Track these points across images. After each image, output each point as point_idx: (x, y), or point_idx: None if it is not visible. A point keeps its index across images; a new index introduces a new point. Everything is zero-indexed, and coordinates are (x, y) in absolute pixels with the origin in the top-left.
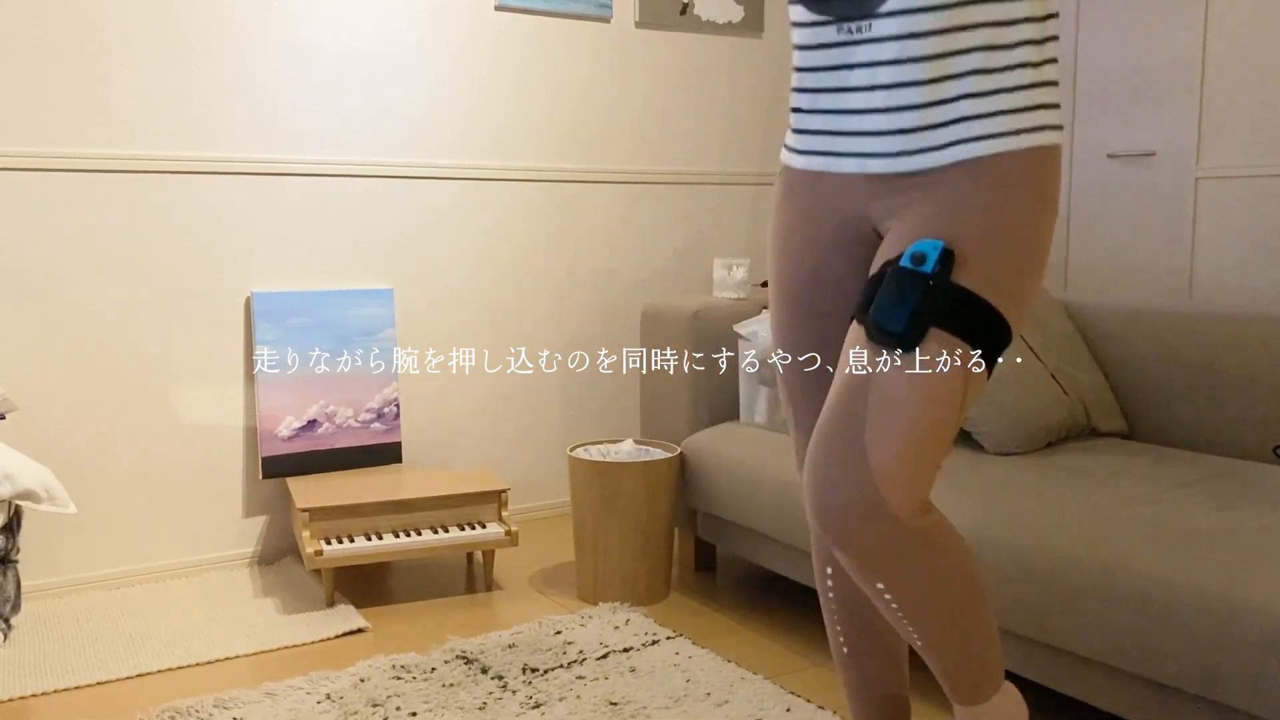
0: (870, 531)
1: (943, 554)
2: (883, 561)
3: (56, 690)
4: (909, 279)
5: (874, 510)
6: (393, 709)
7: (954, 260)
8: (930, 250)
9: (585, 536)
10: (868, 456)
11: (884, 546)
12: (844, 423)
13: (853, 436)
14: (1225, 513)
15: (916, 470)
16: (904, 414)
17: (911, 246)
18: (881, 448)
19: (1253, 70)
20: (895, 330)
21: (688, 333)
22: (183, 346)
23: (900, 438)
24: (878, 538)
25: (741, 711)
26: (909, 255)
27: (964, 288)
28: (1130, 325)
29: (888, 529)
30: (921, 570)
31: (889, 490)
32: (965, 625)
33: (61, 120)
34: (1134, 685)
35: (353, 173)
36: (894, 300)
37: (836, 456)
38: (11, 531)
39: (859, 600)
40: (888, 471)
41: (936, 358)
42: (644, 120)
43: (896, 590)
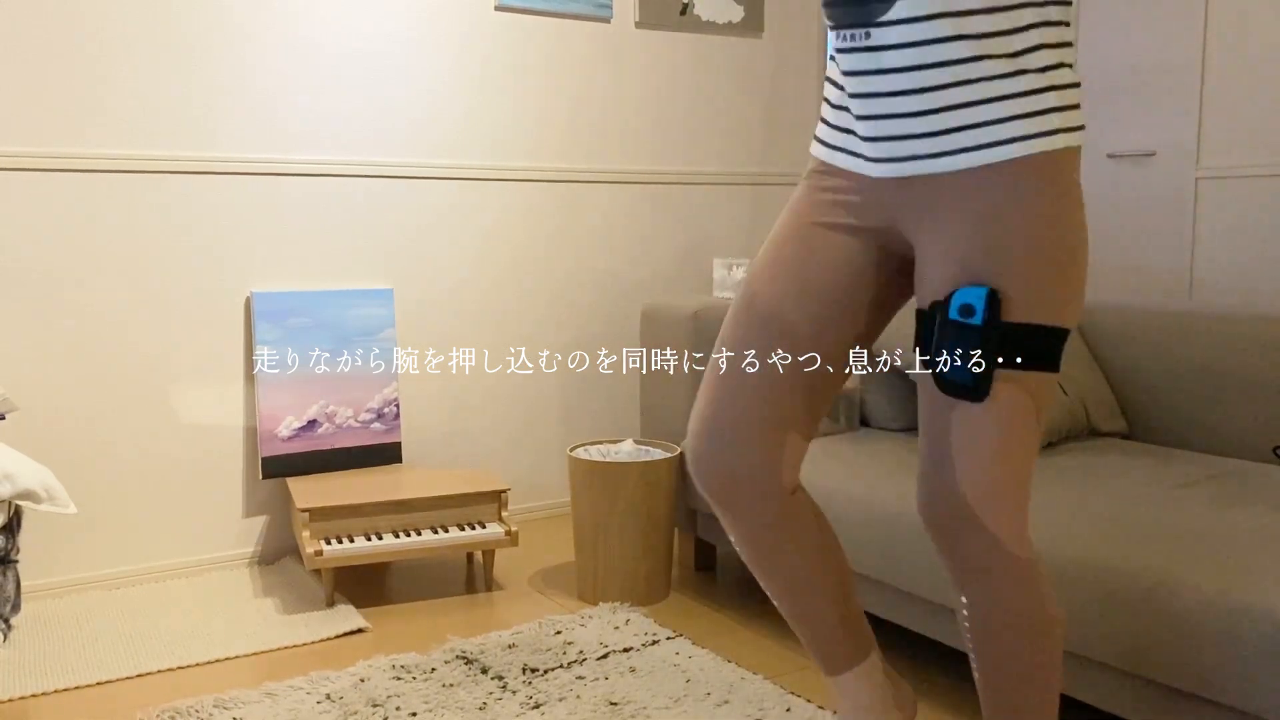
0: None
1: (1034, 594)
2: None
3: (56, 690)
4: (962, 332)
5: (977, 532)
6: (393, 709)
7: (1000, 302)
8: (975, 300)
9: (585, 536)
10: (962, 490)
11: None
12: (939, 464)
13: (948, 475)
14: (1225, 513)
15: (1009, 492)
16: (990, 453)
17: (956, 296)
18: (977, 483)
19: (1253, 70)
20: (964, 383)
21: (688, 333)
22: (183, 346)
23: (991, 474)
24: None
25: (741, 711)
26: (956, 308)
27: (1016, 324)
28: (1130, 325)
29: (989, 549)
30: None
31: (988, 515)
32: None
33: (61, 120)
34: (1134, 685)
35: (353, 173)
36: (954, 354)
37: (938, 491)
38: (11, 531)
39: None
40: (984, 501)
41: (1009, 397)
42: (644, 120)
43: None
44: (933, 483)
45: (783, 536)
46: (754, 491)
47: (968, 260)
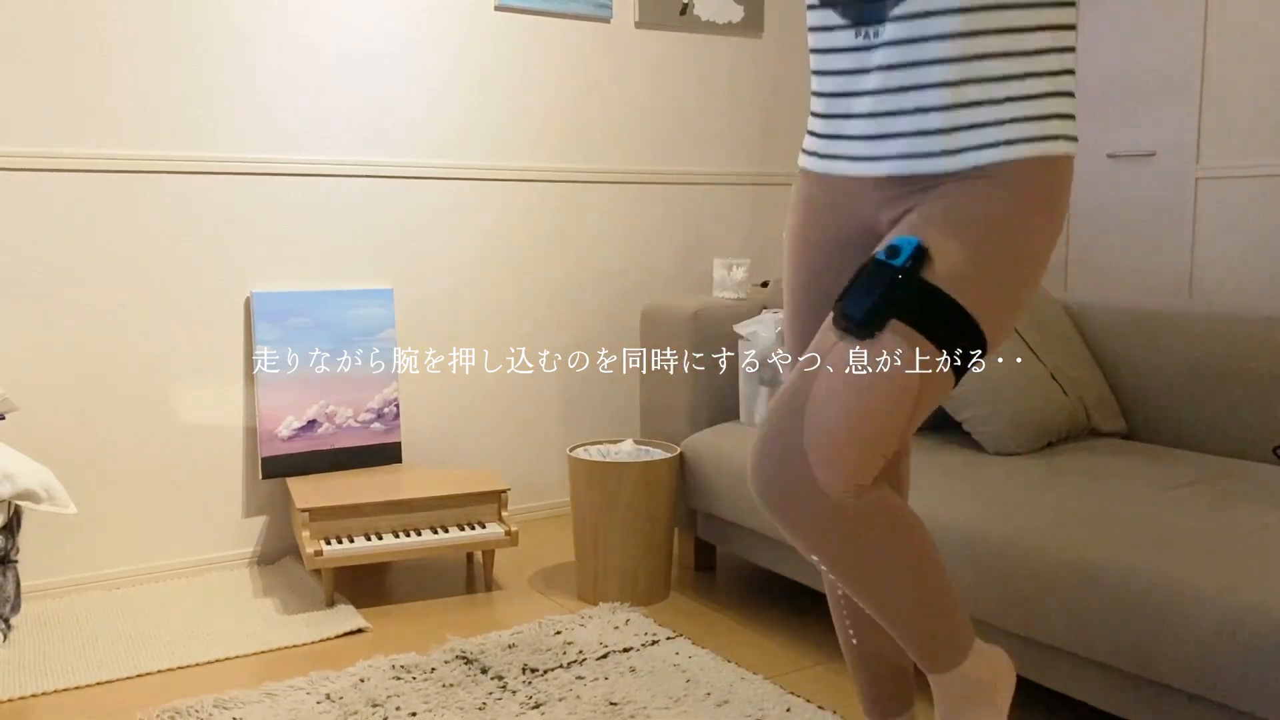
0: (802, 508)
1: (880, 531)
2: (816, 537)
3: (56, 690)
4: (880, 270)
5: (805, 487)
6: (393, 709)
7: (927, 256)
8: (905, 245)
9: (585, 536)
10: (804, 426)
11: (815, 523)
12: (790, 400)
13: (795, 413)
14: (1225, 513)
15: (851, 453)
16: (844, 397)
17: (890, 240)
18: (816, 427)
19: (1253, 70)
20: (854, 316)
21: (688, 333)
22: (183, 346)
23: (835, 419)
24: (809, 514)
25: (741, 711)
26: (885, 248)
27: (933, 285)
28: (1130, 325)
29: (818, 506)
30: (856, 546)
31: (819, 468)
32: (914, 597)
33: (61, 120)
34: (1134, 685)
35: (353, 173)
36: (862, 290)
37: (777, 431)
38: (11, 531)
39: None
40: (819, 449)
41: (889, 348)
42: (644, 120)
43: (833, 565)
44: (769, 442)
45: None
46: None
47: (918, 224)
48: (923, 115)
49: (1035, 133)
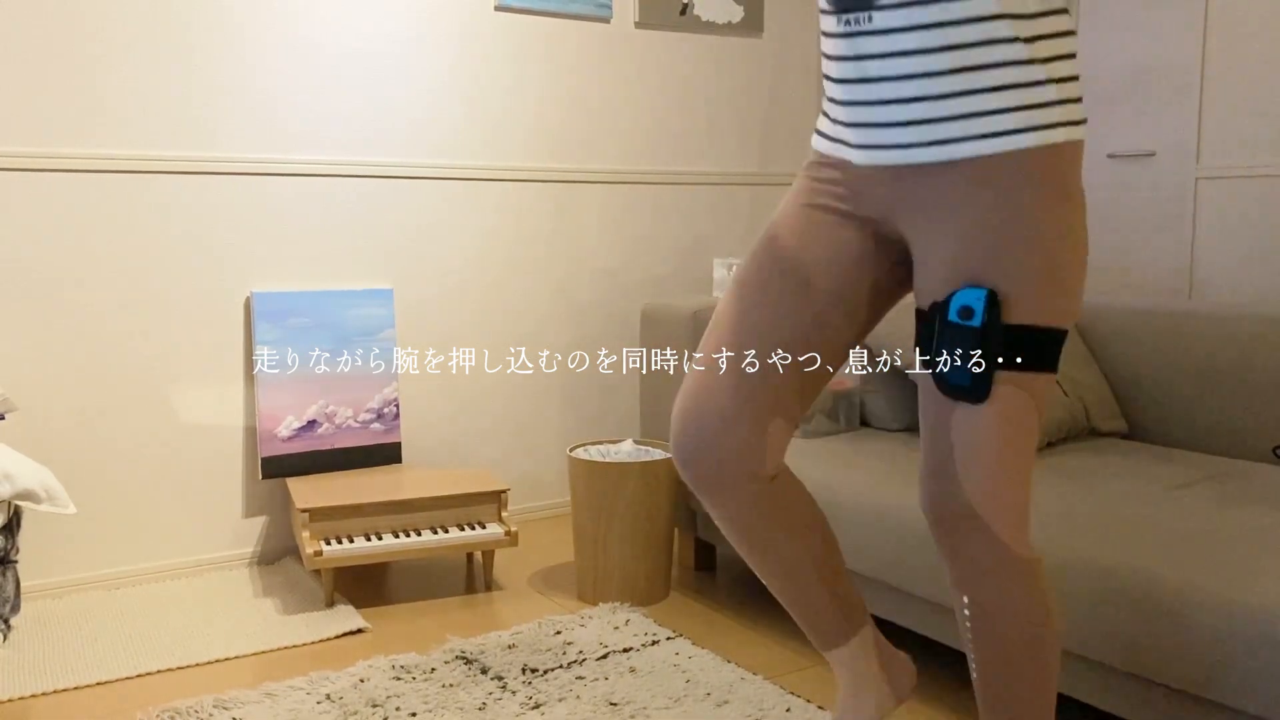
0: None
1: (1036, 593)
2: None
3: (56, 690)
4: (961, 334)
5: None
6: (393, 709)
7: (999, 304)
8: (974, 301)
9: (585, 536)
10: (965, 491)
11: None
12: (940, 467)
13: (950, 478)
14: (1225, 513)
15: (1010, 491)
16: (991, 455)
17: (955, 298)
18: (979, 484)
19: (1253, 70)
20: (965, 384)
21: (688, 333)
22: (183, 346)
23: (992, 475)
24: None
25: (741, 711)
26: (956, 310)
27: (1015, 325)
28: (1130, 325)
29: (993, 548)
30: (1012, 600)
31: (990, 516)
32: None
33: (61, 120)
34: (1134, 685)
35: (353, 173)
36: (954, 356)
37: (941, 493)
38: (11, 531)
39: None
40: (986, 501)
41: (1009, 399)
42: (644, 120)
43: (978, 609)
44: (935, 484)
45: (770, 519)
46: (738, 476)
47: (966, 261)
48: (910, 105)
49: (1035, 121)
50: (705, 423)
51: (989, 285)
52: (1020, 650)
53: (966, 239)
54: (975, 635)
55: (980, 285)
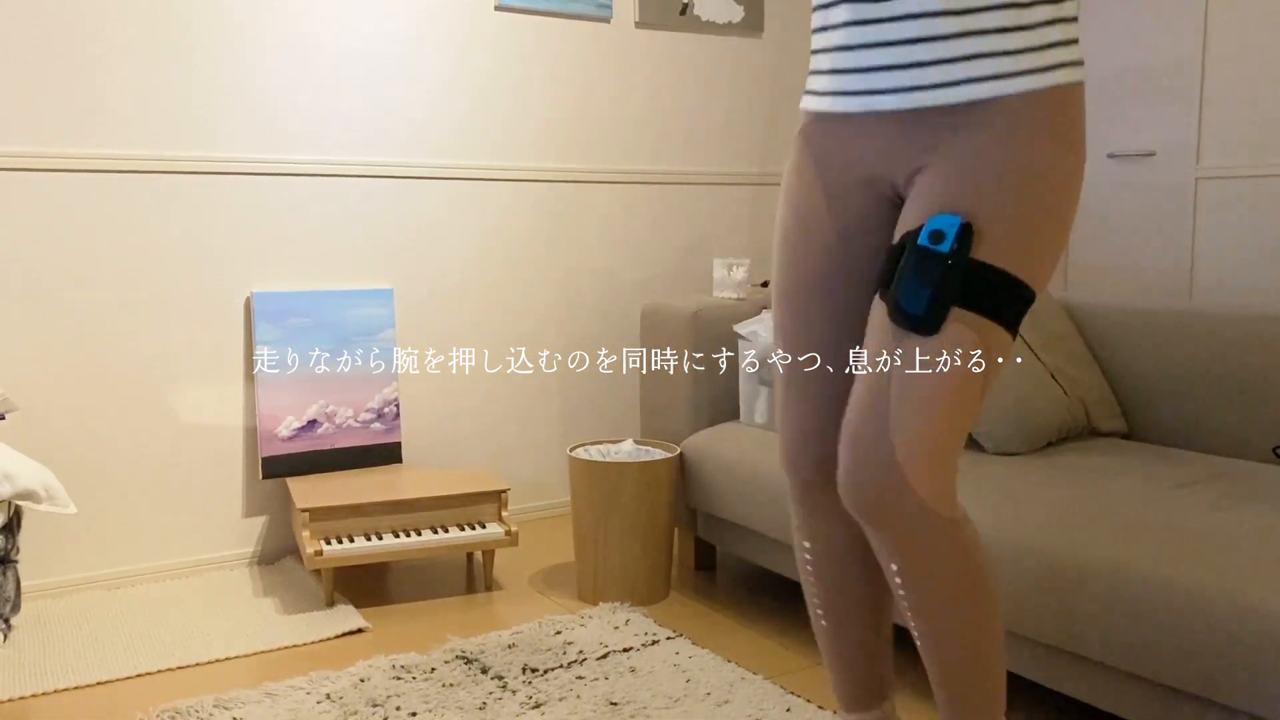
0: (898, 516)
1: (963, 554)
2: (907, 544)
3: (56, 690)
4: (927, 258)
5: (902, 497)
6: (393, 709)
7: (972, 235)
8: (948, 227)
9: (585, 536)
10: (891, 437)
11: (912, 530)
12: (871, 404)
13: (879, 417)
14: (1225, 513)
15: (943, 458)
16: (929, 401)
17: (929, 222)
18: (906, 436)
19: (1253, 70)
20: (916, 312)
21: (688, 333)
22: (183, 346)
23: (923, 426)
24: (906, 522)
25: (741, 711)
26: (927, 233)
27: (984, 263)
28: (1130, 325)
29: (916, 514)
30: (940, 562)
31: (916, 478)
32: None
33: (61, 120)
34: (1134, 685)
35: (353, 173)
36: (914, 281)
37: (864, 443)
38: (11, 531)
39: (837, 569)
40: (912, 460)
41: (959, 340)
42: (644, 120)
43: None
44: (858, 427)
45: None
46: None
47: (948, 192)
48: (916, 46)
49: (1037, 63)
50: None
51: (966, 216)
52: (959, 613)
53: (955, 174)
54: (910, 607)
55: (957, 214)
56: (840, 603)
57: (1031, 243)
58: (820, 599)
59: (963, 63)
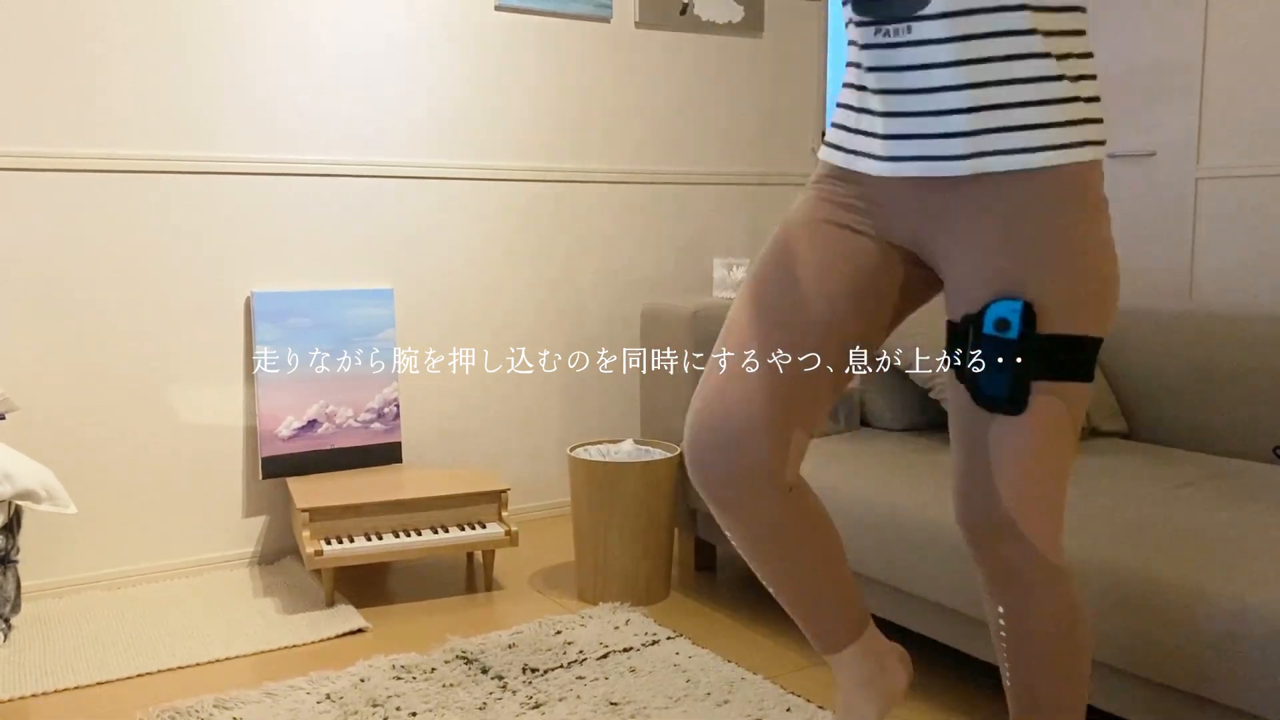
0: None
1: (1069, 603)
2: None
3: (56, 690)
4: (998, 346)
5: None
6: (393, 709)
7: (1035, 315)
8: (1010, 314)
9: (585, 536)
10: (1000, 493)
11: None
12: (975, 472)
13: (985, 479)
14: (1225, 513)
15: (1045, 497)
16: (1027, 460)
17: (990, 311)
18: (1012, 485)
19: (1253, 70)
20: (1001, 396)
21: (688, 333)
22: (183, 346)
23: (1026, 475)
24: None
25: (741, 711)
26: (992, 323)
27: (1051, 335)
28: (1130, 325)
29: (1028, 556)
30: (1045, 606)
31: (1024, 519)
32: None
33: (61, 120)
34: (1134, 685)
35: (353, 173)
36: (992, 369)
37: (975, 498)
38: (11, 531)
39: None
40: (1021, 503)
41: (1046, 408)
42: (644, 120)
43: (1013, 619)
44: (971, 494)
45: (786, 529)
46: (757, 491)
47: (998, 271)
48: (945, 117)
49: (1067, 139)
50: (729, 427)
51: (1024, 296)
52: (1055, 657)
53: (999, 250)
54: (1010, 643)
55: (1015, 296)
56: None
57: (1089, 300)
58: (770, 579)
59: (996, 134)
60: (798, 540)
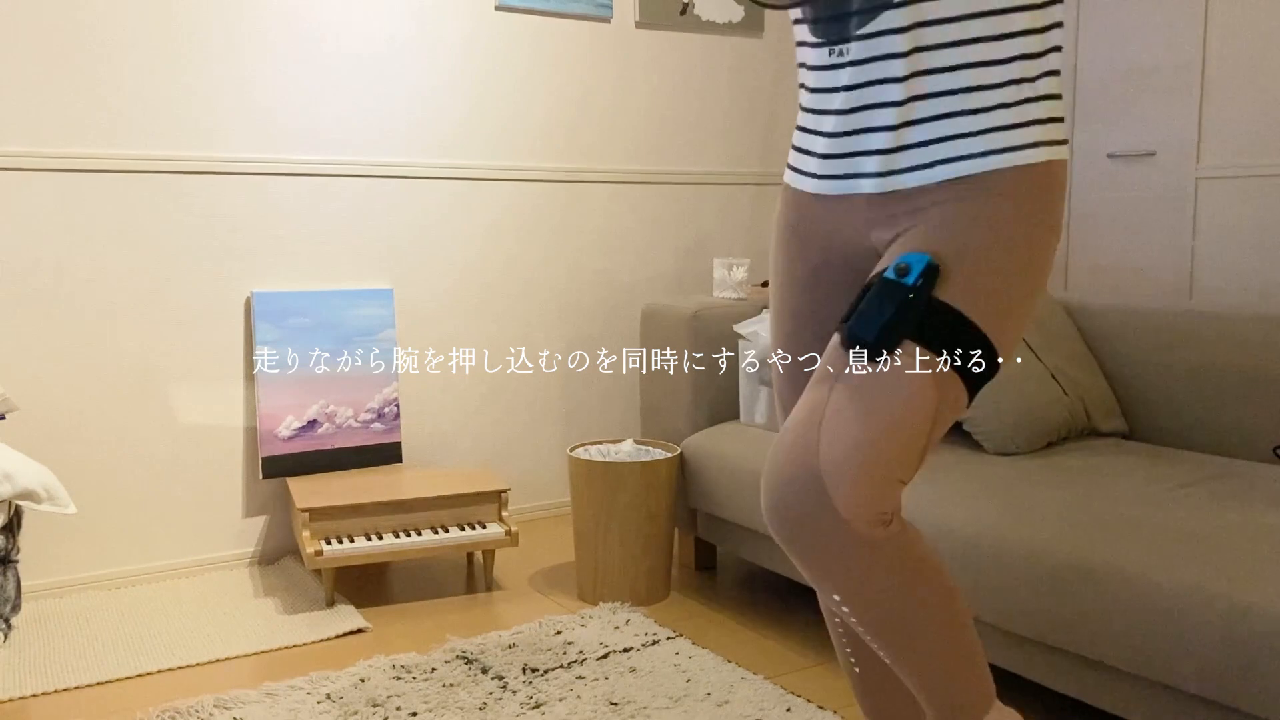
0: (820, 538)
1: (902, 569)
2: (835, 570)
3: (56, 690)
4: (890, 290)
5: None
6: (393, 709)
7: (938, 274)
8: (915, 262)
9: (585, 536)
10: (820, 458)
11: (834, 554)
12: (803, 424)
13: (809, 438)
14: (1225, 513)
15: (868, 474)
16: (863, 419)
17: (898, 259)
18: (834, 450)
19: (1253, 70)
20: (866, 338)
21: (688, 333)
22: (183, 346)
23: (854, 442)
24: (828, 545)
25: (741, 711)
26: (893, 266)
27: (945, 303)
28: (1130, 325)
29: (837, 535)
30: (876, 583)
31: (836, 491)
32: (932, 645)
33: (61, 120)
34: (1134, 685)
35: (353, 173)
36: (873, 310)
37: (790, 457)
38: (11, 531)
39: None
40: (836, 472)
41: (905, 368)
42: (644, 120)
43: (852, 601)
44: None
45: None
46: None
47: (920, 240)
48: (886, 133)
49: (1014, 141)
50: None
51: (935, 257)
52: (915, 618)
53: (930, 228)
54: (863, 625)
55: (927, 253)
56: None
57: (998, 303)
58: (847, 639)
59: (936, 145)
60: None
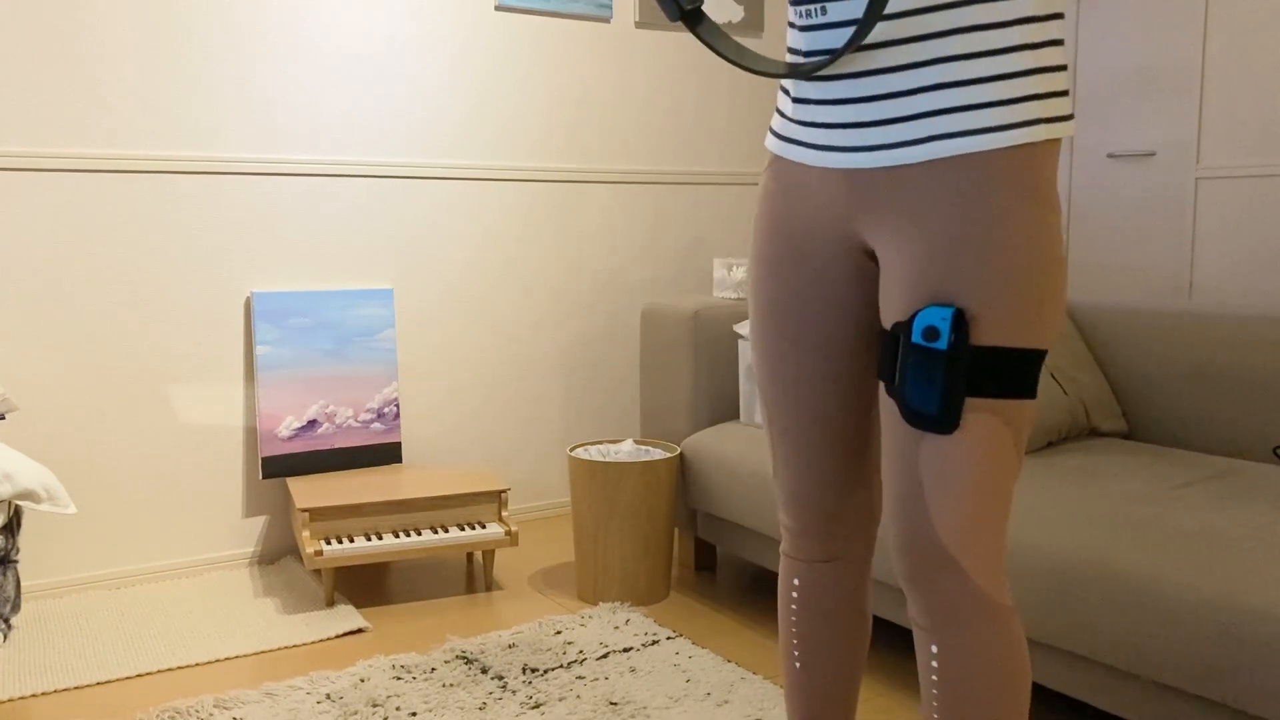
0: (956, 601)
1: (1010, 645)
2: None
3: (56, 690)
4: (927, 358)
5: (960, 580)
6: (393, 709)
7: (967, 324)
8: (940, 322)
9: (585, 536)
10: (938, 530)
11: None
12: (909, 501)
13: (920, 513)
14: (1225, 513)
15: (985, 528)
16: (964, 487)
17: (919, 317)
18: (950, 520)
19: (1253, 70)
20: (930, 413)
21: (688, 333)
22: (183, 346)
23: (965, 507)
24: (963, 607)
25: (741, 711)
26: (920, 331)
27: (985, 348)
28: (1130, 325)
29: (972, 597)
30: (986, 649)
31: (966, 557)
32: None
33: (61, 120)
34: (1134, 685)
35: (353, 173)
36: (920, 382)
37: (913, 538)
38: (11, 531)
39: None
40: (961, 540)
41: (982, 428)
42: (644, 120)
43: (948, 663)
44: (903, 520)
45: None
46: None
47: (930, 274)
48: (868, 104)
49: (1013, 118)
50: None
51: (955, 303)
52: (992, 703)
53: (931, 250)
54: (943, 687)
55: (946, 303)
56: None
57: (1030, 307)
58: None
59: (925, 119)
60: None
